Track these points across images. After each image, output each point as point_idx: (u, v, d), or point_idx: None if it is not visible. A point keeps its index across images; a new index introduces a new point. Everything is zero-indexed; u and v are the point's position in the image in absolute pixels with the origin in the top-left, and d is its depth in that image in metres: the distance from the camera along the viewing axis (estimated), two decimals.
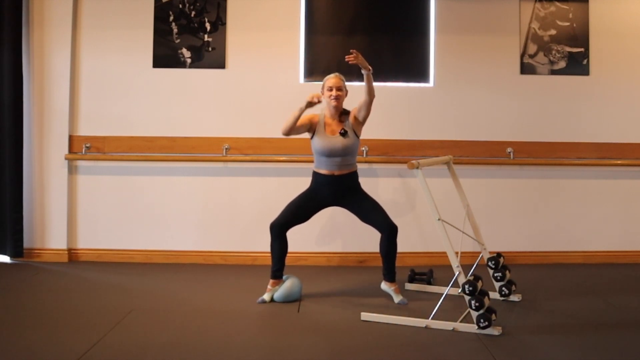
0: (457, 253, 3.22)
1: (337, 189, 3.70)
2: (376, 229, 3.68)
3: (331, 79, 3.72)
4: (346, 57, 3.52)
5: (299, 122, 3.63)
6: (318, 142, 3.67)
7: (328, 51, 4.61)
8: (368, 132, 4.36)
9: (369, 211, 3.69)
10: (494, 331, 3.04)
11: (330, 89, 3.69)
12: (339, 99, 3.70)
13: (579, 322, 3.27)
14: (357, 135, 3.73)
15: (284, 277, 3.71)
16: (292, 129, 3.61)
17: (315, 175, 3.75)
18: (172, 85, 4.70)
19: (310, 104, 3.54)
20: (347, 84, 3.79)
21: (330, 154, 3.65)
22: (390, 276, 3.70)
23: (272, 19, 4.71)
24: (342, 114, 3.75)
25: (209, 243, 4.70)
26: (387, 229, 3.63)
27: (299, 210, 3.70)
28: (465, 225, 3.69)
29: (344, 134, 3.66)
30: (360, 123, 3.75)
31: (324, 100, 3.71)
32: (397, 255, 3.70)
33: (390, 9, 4.74)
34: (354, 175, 3.75)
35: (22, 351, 2.77)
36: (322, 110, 3.76)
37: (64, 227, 4.65)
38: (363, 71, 3.58)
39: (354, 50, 3.50)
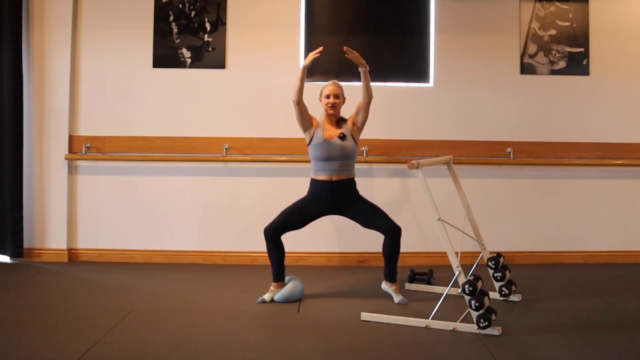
0: (457, 253, 3.22)
1: (336, 196, 3.68)
2: (380, 233, 3.68)
3: (329, 87, 3.73)
4: (345, 47, 3.56)
5: (305, 109, 3.66)
6: (316, 146, 3.67)
7: (328, 51, 4.58)
8: (368, 132, 4.36)
9: (370, 216, 3.68)
10: (494, 331, 3.04)
11: (328, 97, 3.70)
12: (336, 106, 3.71)
13: (579, 322, 3.27)
14: (355, 142, 3.73)
15: (286, 279, 3.71)
16: (301, 91, 3.59)
17: (314, 182, 3.73)
18: (172, 85, 4.70)
19: (311, 62, 3.58)
20: (347, 84, 3.80)
21: (328, 157, 3.64)
22: (391, 276, 3.70)
23: (272, 19, 4.71)
24: (339, 120, 3.76)
25: (209, 243, 4.70)
26: (391, 231, 3.62)
27: (294, 216, 3.69)
28: (465, 225, 3.69)
29: (342, 137, 3.66)
30: (358, 129, 3.75)
31: (322, 105, 3.74)
32: None
33: (390, 9, 4.74)
34: (352, 183, 3.75)
35: (22, 351, 2.77)
36: (321, 117, 3.76)
37: (64, 227, 4.65)
38: (360, 68, 3.59)
39: (347, 48, 3.54)
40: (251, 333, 3.12)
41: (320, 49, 3.62)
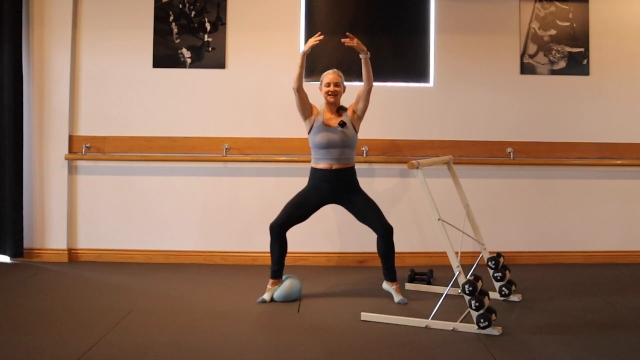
0: (457, 253, 3.22)
1: (336, 184, 3.69)
2: (372, 229, 3.68)
3: (329, 75, 3.73)
4: (342, 39, 3.55)
5: (306, 96, 3.67)
6: (316, 134, 3.68)
7: (328, 51, 4.61)
8: (368, 132, 4.38)
9: (366, 211, 3.69)
10: (494, 331, 3.04)
11: (328, 85, 3.71)
12: (336, 94, 3.71)
13: (579, 322, 3.27)
14: (355, 130, 3.74)
15: (283, 277, 3.71)
16: (301, 78, 3.61)
17: (314, 171, 3.74)
18: (172, 85, 4.70)
19: (310, 48, 3.59)
20: (346, 83, 3.80)
21: (328, 145, 3.65)
22: (390, 276, 3.70)
23: (272, 19, 4.71)
24: (339, 109, 3.77)
25: (209, 243, 4.70)
26: (382, 230, 3.63)
27: (298, 210, 3.70)
28: (465, 225, 3.69)
29: (342, 124, 3.67)
30: (359, 117, 3.76)
31: (322, 93, 3.74)
32: (397, 255, 3.70)
33: (390, 9, 4.74)
34: (352, 171, 3.75)
35: (22, 351, 2.77)
36: (321, 106, 3.77)
37: (64, 227, 4.65)
38: (361, 55, 3.61)
39: (350, 34, 3.54)
40: (251, 333, 3.12)
41: (320, 35, 3.61)
